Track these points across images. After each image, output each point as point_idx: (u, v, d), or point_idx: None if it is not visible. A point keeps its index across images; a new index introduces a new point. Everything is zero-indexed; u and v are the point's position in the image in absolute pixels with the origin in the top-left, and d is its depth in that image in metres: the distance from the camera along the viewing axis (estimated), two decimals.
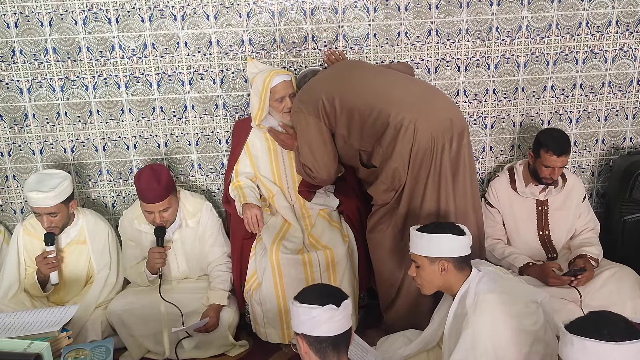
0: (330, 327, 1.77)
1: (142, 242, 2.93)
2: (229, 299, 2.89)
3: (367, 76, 2.72)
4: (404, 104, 2.55)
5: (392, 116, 2.52)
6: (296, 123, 2.76)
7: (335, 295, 1.83)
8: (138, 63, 3.09)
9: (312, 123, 2.67)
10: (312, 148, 2.70)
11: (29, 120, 3.16)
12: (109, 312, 2.80)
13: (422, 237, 2.14)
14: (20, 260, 2.90)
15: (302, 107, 2.71)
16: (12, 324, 2.31)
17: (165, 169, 2.86)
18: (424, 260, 2.15)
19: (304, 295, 1.84)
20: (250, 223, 2.82)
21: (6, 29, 2.99)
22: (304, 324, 1.79)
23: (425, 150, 2.51)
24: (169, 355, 2.80)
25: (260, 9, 3.06)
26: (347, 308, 1.81)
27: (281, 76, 2.87)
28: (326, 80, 2.77)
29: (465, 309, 2.03)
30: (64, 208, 2.79)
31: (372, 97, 2.60)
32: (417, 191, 2.57)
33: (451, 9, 3.13)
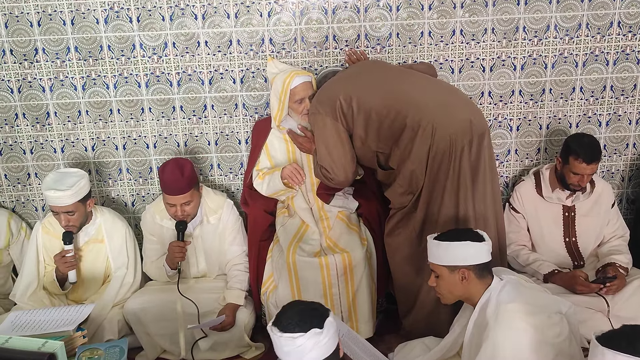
0: (318, 352, 1.63)
1: (163, 237, 2.94)
2: (245, 299, 2.87)
3: (385, 76, 2.67)
4: (422, 105, 2.50)
5: (409, 117, 2.47)
6: (313, 124, 2.71)
7: (316, 314, 1.66)
8: (158, 62, 3.09)
9: (330, 124, 2.63)
10: (329, 149, 2.65)
11: (51, 118, 3.18)
12: (125, 311, 2.81)
13: (440, 246, 2.08)
14: (39, 258, 2.92)
15: (319, 108, 2.66)
16: (29, 322, 2.33)
17: (189, 162, 2.87)
18: (443, 270, 2.09)
19: (282, 322, 1.65)
20: (294, 174, 2.82)
21: (29, 27, 3.01)
22: (288, 354, 1.63)
23: (443, 152, 2.44)
24: (185, 356, 2.79)
25: (281, 7, 3.02)
26: (331, 326, 1.65)
27: (301, 77, 2.83)
28: (344, 81, 2.72)
29: (486, 318, 1.96)
30: (81, 207, 2.80)
31: (389, 98, 2.55)
32: (435, 195, 2.51)
33: (476, 8, 3.05)
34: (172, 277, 2.89)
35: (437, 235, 2.13)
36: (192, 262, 2.97)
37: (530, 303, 1.95)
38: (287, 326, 1.63)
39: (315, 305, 1.72)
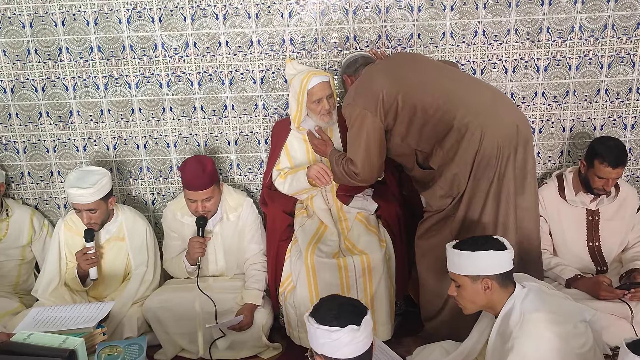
0: (353, 348, 1.66)
1: (184, 234, 2.96)
2: (263, 299, 2.88)
3: (433, 73, 2.60)
4: (472, 107, 2.43)
5: (457, 118, 2.41)
6: (349, 116, 2.61)
7: (355, 311, 1.70)
8: (180, 62, 3.11)
9: (369, 119, 2.53)
10: (363, 144, 2.55)
11: (74, 117, 3.22)
12: (145, 309, 2.83)
13: (461, 256, 2.02)
14: (61, 255, 2.96)
15: (358, 100, 2.57)
16: (50, 319, 2.36)
17: (210, 159, 2.89)
18: (465, 280, 2.04)
19: (320, 314, 1.70)
20: (322, 174, 2.79)
21: (53, 27, 3.05)
22: (323, 346, 1.67)
23: (489, 158, 2.39)
24: (203, 355, 2.80)
25: (302, 8, 3.02)
26: (368, 325, 1.69)
27: (319, 77, 2.82)
28: (386, 73, 2.61)
29: (509, 327, 1.92)
30: (103, 205, 2.83)
31: (439, 96, 2.47)
32: (477, 201, 2.45)
33: (499, 8, 3.01)
34: (192, 273, 2.91)
35: (456, 244, 2.08)
36: (211, 259, 2.99)
37: (555, 312, 1.91)
38: (325, 318, 1.67)
39: (354, 302, 1.75)
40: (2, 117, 3.22)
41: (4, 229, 3.15)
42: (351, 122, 2.61)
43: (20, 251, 3.17)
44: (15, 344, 2.04)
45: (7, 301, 2.99)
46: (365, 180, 2.69)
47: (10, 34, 3.07)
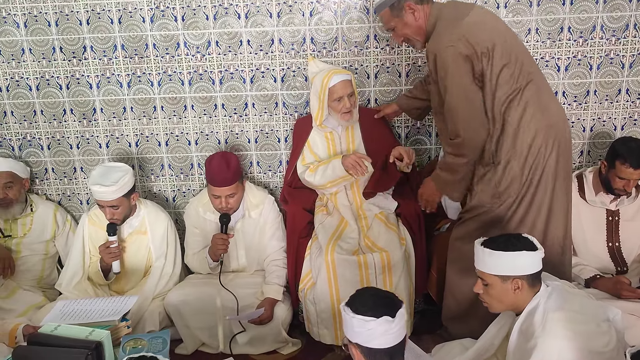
0: (387, 339, 1.70)
1: (206, 230, 3.00)
2: (283, 295, 2.90)
3: (517, 40, 2.50)
4: (540, 87, 2.44)
5: (528, 93, 2.37)
6: (443, 62, 2.31)
7: (390, 304, 1.74)
8: (202, 60, 3.14)
9: (467, 68, 2.32)
10: (467, 97, 2.32)
11: (97, 114, 3.27)
12: (166, 303, 2.87)
13: (492, 255, 2.00)
14: (85, 249, 3.01)
15: (457, 44, 2.29)
16: (76, 311, 2.41)
17: (235, 156, 2.94)
18: (494, 279, 2.01)
19: (356, 304, 1.74)
20: (358, 163, 2.76)
21: (78, 26, 3.11)
22: (358, 335, 1.72)
23: (538, 151, 2.40)
24: (223, 349, 2.83)
25: (323, 7, 3.04)
26: (402, 317, 1.73)
27: (340, 75, 2.84)
28: (480, 25, 2.38)
29: (532, 326, 1.91)
30: (126, 201, 2.88)
31: (529, 63, 2.42)
32: (533, 209, 2.46)
33: (520, 8, 3.01)
34: (214, 269, 2.95)
35: (485, 242, 2.05)
36: (232, 256, 3.02)
37: (578, 311, 1.91)
38: (361, 309, 1.71)
39: (389, 295, 1.81)
40: (27, 114, 3.28)
41: (28, 224, 3.21)
42: (449, 69, 2.32)
43: (44, 246, 3.23)
44: (43, 336, 2.09)
45: (31, 295, 3.04)
46: (474, 148, 2.40)
47: (37, 33, 3.12)
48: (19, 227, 3.18)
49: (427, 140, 3.28)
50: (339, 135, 3.00)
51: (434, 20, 2.42)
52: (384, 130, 3.09)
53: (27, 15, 3.10)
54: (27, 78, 3.21)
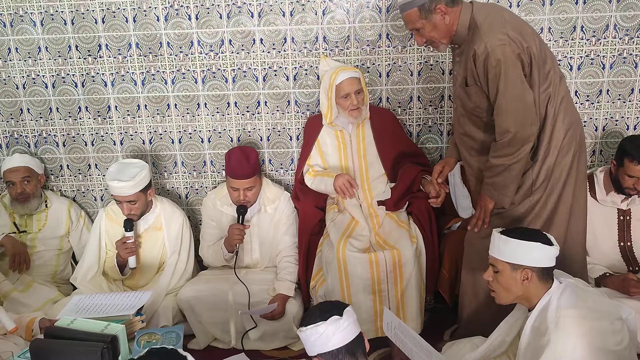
0: (340, 337, 1.73)
1: (222, 222, 3.05)
2: (295, 291, 2.93)
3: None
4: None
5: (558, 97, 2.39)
6: (498, 61, 2.22)
7: (335, 307, 1.80)
8: (215, 59, 3.17)
9: (521, 68, 2.26)
10: (522, 96, 2.25)
11: (112, 112, 3.31)
12: (179, 299, 2.90)
13: (508, 242, 2.02)
14: (101, 244, 3.07)
15: (509, 43, 2.22)
16: (91, 306, 2.44)
17: (254, 150, 3.00)
18: (505, 266, 2.04)
19: (306, 319, 1.80)
20: (347, 188, 2.81)
21: (94, 24, 3.14)
22: (315, 344, 1.75)
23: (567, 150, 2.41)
24: (235, 345, 2.86)
25: (336, 6, 3.06)
26: (350, 315, 1.77)
27: (347, 73, 2.85)
28: (517, 23, 2.35)
29: (545, 323, 1.92)
30: (142, 196, 2.92)
31: (554, 57, 2.44)
32: (560, 215, 2.45)
33: (533, 7, 3.01)
34: (229, 260, 2.99)
35: (504, 230, 2.08)
36: (247, 250, 3.06)
37: (591, 308, 1.91)
38: (310, 319, 1.77)
39: (334, 302, 1.87)
40: (43, 111, 3.33)
41: (43, 219, 3.26)
42: (503, 67, 2.23)
43: (59, 241, 3.28)
44: (59, 329, 2.12)
45: (47, 289, 3.09)
46: (524, 139, 2.29)
47: (53, 31, 3.17)
48: (34, 222, 3.23)
49: (438, 138, 3.29)
50: (349, 134, 3.01)
51: (468, 21, 2.32)
52: (396, 129, 3.10)
53: (44, 14, 3.14)
54: (43, 76, 3.26)
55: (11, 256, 3.05)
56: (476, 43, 2.26)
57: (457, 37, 2.36)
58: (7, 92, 3.30)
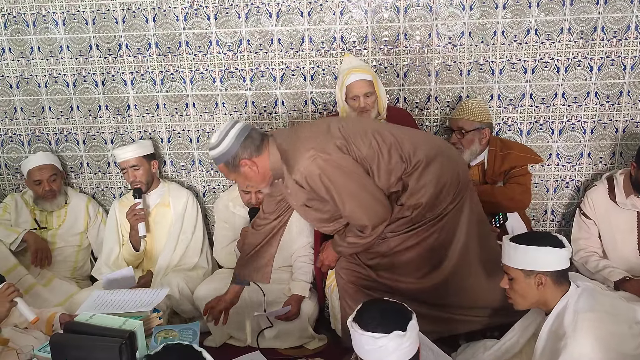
0: (399, 355, 1.62)
1: (235, 224, 3.07)
2: (310, 291, 2.94)
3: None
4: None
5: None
6: (322, 176, 2.21)
7: (400, 316, 1.65)
8: (233, 58, 3.19)
9: (344, 159, 2.24)
10: (358, 187, 2.26)
11: (131, 110, 3.35)
12: (195, 296, 2.93)
13: (517, 249, 2.01)
14: (119, 230, 3.22)
15: (321, 153, 2.20)
16: (110, 301, 2.48)
17: None
18: (518, 273, 2.02)
19: (365, 318, 1.64)
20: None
21: (114, 24, 3.19)
22: (369, 353, 1.62)
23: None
24: (250, 343, 2.88)
25: (354, 6, 3.06)
26: (414, 329, 1.64)
27: (357, 75, 2.83)
28: (315, 128, 2.37)
29: (562, 327, 1.90)
30: (146, 163, 3.13)
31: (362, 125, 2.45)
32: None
33: (553, 7, 2.98)
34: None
35: (513, 237, 2.07)
36: None
37: (609, 312, 1.89)
38: (369, 324, 1.62)
39: (397, 306, 1.70)
40: (64, 110, 3.38)
41: (62, 215, 3.31)
42: (330, 178, 2.22)
43: (78, 238, 3.33)
44: (79, 324, 2.15)
45: (67, 285, 3.15)
46: (380, 222, 2.34)
47: (74, 30, 3.22)
48: (54, 219, 3.29)
49: None
50: None
51: (278, 155, 2.28)
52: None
53: (66, 14, 3.19)
54: (65, 74, 3.31)
55: (33, 252, 3.11)
56: (293, 173, 2.24)
57: (276, 173, 2.33)
58: (29, 91, 3.35)
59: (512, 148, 3.00)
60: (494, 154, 2.99)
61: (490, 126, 3.01)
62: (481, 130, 2.96)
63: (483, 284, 2.49)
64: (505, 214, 2.90)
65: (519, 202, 2.96)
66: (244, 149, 2.23)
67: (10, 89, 3.36)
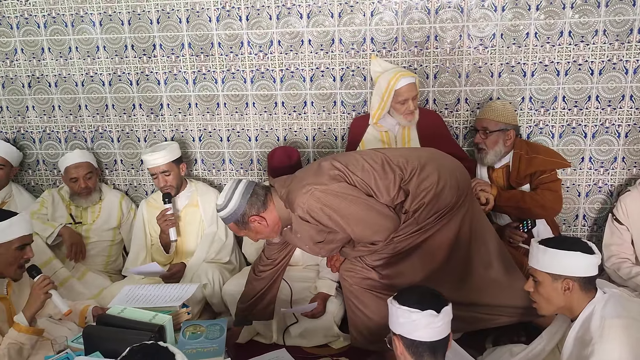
0: (429, 332, 1.77)
1: None
2: (336, 290, 2.95)
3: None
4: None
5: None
6: (323, 207, 2.28)
7: (436, 301, 1.81)
8: (264, 59, 3.23)
9: (340, 186, 2.31)
10: (361, 210, 2.31)
11: (164, 109, 3.42)
12: (224, 292, 2.98)
13: (546, 252, 1.98)
14: (146, 231, 3.26)
15: (316, 185, 2.30)
16: (140, 296, 2.54)
17: (296, 151, 3.05)
18: (545, 277, 2.00)
19: (404, 297, 1.83)
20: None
21: (149, 24, 3.26)
22: (402, 325, 1.80)
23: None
24: (276, 340, 2.91)
25: (385, 7, 3.07)
26: (447, 315, 1.79)
27: (407, 78, 2.86)
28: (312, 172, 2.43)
29: (589, 334, 1.88)
30: (175, 167, 3.14)
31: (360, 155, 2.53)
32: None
33: (588, 8, 2.93)
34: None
35: (542, 240, 2.04)
36: None
37: (637, 318, 1.85)
38: (407, 301, 1.80)
39: (437, 293, 1.86)
40: (99, 108, 3.48)
41: (96, 211, 3.41)
42: (330, 208, 2.29)
43: (112, 233, 3.42)
44: (111, 317, 2.22)
45: (101, 278, 3.24)
46: (387, 235, 2.40)
47: (111, 31, 3.30)
48: (89, 214, 3.38)
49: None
50: (395, 135, 3.02)
51: (283, 204, 2.37)
52: (442, 131, 3.09)
53: (103, 15, 3.28)
54: (101, 74, 3.40)
55: (69, 246, 3.21)
56: (295, 210, 2.32)
57: (284, 221, 2.41)
58: (67, 89, 3.46)
59: (539, 152, 2.95)
60: (519, 157, 2.94)
61: (516, 128, 2.97)
62: (506, 132, 2.93)
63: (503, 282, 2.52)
64: (534, 220, 2.86)
65: (550, 209, 2.91)
66: (251, 207, 2.32)
67: (49, 87, 3.47)
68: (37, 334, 2.36)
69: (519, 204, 2.86)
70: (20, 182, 3.66)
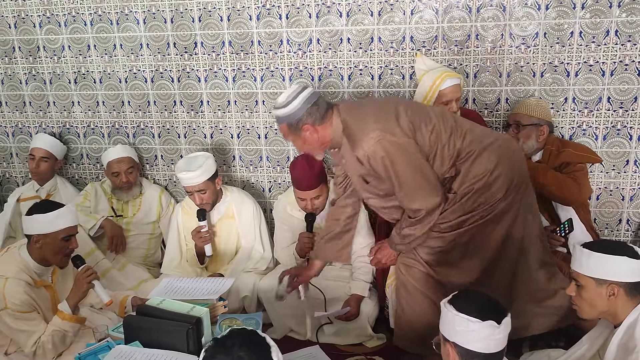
0: (488, 344, 1.68)
1: (294, 226, 3.11)
2: (370, 290, 2.95)
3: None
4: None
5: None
6: (385, 156, 2.26)
7: (496, 310, 1.71)
8: (303, 57, 3.25)
9: (408, 143, 2.29)
10: (416, 173, 2.30)
11: (204, 106, 3.48)
12: (259, 289, 3.01)
13: (591, 256, 1.92)
14: (180, 236, 3.26)
15: (386, 132, 2.26)
16: (179, 288, 2.59)
17: (316, 159, 2.98)
18: (589, 281, 1.94)
19: (461, 303, 1.73)
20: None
21: (191, 23, 3.32)
22: (458, 334, 1.71)
23: None
24: (310, 338, 2.93)
25: (425, 6, 3.04)
26: (507, 326, 1.70)
27: (452, 79, 2.83)
28: (383, 108, 2.42)
29: (633, 340, 1.82)
30: (211, 185, 3.08)
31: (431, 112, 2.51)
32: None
33: (636, 7, 2.85)
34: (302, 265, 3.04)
35: (586, 244, 1.98)
36: None
37: None
38: (465, 308, 1.70)
39: (495, 301, 1.77)
40: (142, 104, 3.56)
41: (137, 205, 3.49)
42: (393, 159, 2.28)
43: (151, 227, 3.50)
44: (150, 308, 2.27)
45: (140, 271, 3.32)
46: (433, 209, 2.36)
47: (154, 29, 3.38)
48: (130, 207, 3.46)
49: None
50: None
51: (340, 127, 2.35)
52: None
53: (146, 13, 3.35)
54: (144, 71, 3.48)
55: (110, 238, 3.29)
56: (355, 149, 2.30)
57: (334, 143, 2.41)
58: (111, 86, 3.55)
59: (568, 146, 2.90)
60: (549, 152, 2.89)
61: (549, 125, 2.91)
62: (539, 127, 2.87)
63: (547, 288, 2.47)
64: (572, 224, 2.79)
65: (566, 190, 2.80)
66: (309, 115, 2.31)
67: (94, 83, 3.57)
68: (79, 322, 2.44)
69: (539, 175, 2.78)
70: (65, 175, 3.78)
